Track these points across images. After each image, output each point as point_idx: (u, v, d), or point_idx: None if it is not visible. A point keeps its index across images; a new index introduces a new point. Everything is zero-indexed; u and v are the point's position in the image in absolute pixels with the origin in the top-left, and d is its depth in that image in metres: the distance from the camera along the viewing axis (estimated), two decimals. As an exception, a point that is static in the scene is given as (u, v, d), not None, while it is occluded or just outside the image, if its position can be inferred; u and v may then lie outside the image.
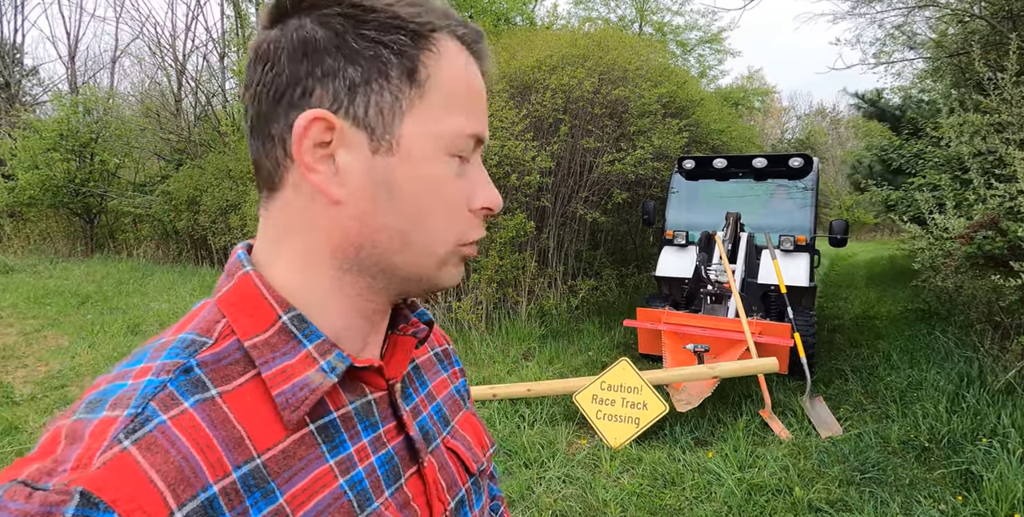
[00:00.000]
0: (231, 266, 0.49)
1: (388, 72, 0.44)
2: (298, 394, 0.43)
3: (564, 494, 2.88)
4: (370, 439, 0.49)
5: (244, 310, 0.46)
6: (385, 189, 0.45)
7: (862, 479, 3.05)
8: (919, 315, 6.42)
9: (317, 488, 0.44)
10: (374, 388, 0.51)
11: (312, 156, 0.44)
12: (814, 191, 5.26)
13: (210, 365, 0.43)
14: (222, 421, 0.41)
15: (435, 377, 0.62)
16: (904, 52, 8.21)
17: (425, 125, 0.45)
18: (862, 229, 24.26)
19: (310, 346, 0.45)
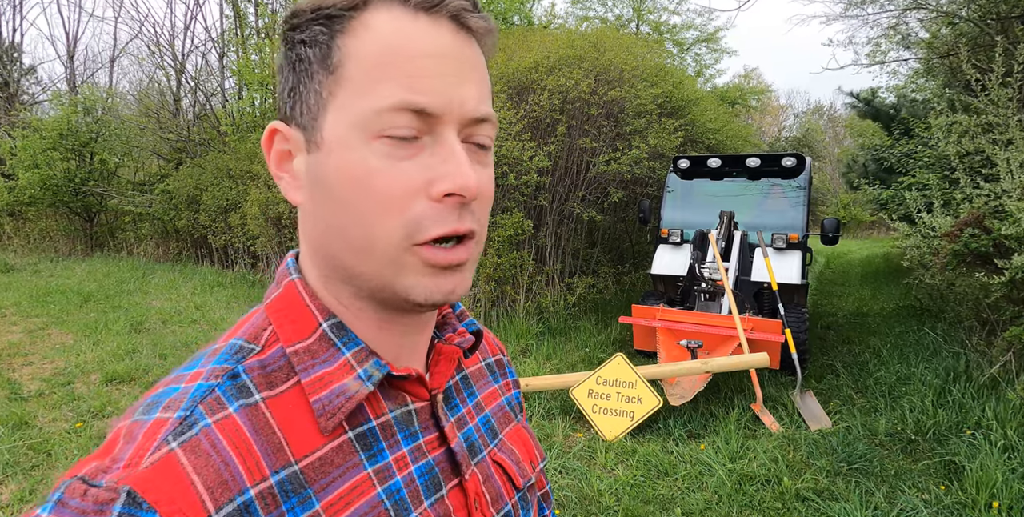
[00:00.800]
0: (280, 273, 0.50)
1: (311, 68, 0.44)
2: (335, 401, 0.44)
3: (560, 484, 2.97)
4: (410, 449, 0.48)
5: (289, 317, 0.46)
6: (319, 187, 0.44)
7: (849, 470, 3.15)
8: (911, 312, 6.53)
9: (355, 496, 0.43)
10: (416, 398, 0.50)
11: (276, 165, 0.47)
12: (807, 190, 5.35)
13: (256, 371, 0.44)
14: (263, 426, 0.41)
15: (485, 388, 0.61)
16: (900, 51, 8.31)
17: (344, 111, 0.42)
18: (859, 227, 24.38)
19: (348, 354, 0.45)
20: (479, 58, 0.46)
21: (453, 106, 0.42)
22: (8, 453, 3.22)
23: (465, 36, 0.44)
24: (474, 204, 0.44)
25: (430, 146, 0.42)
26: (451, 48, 0.43)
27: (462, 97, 0.43)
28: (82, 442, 3.39)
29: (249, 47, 11.68)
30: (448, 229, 0.42)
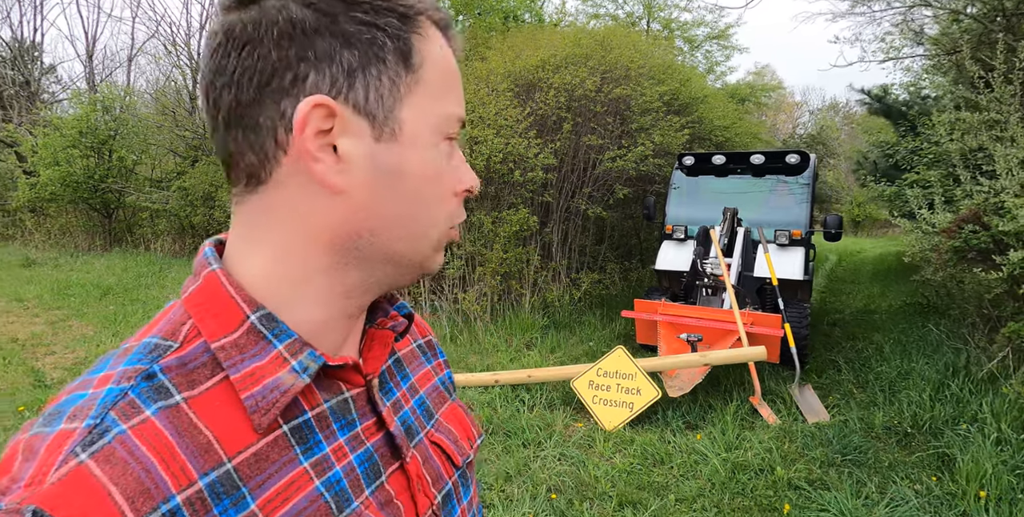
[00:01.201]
0: (198, 264, 0.47)
1: (385, 56, 0.43)
2: (268, 396, 0.42)
3: (558, 471, 3.07)
4: (347, 438, 0.48)
5: (211, 310, 0.44)
6: (390, 176, 0.44)
7: (843, 461, 3.22)
8: (917, 309, 6.54)
9: (292, 492, 0.42)
10: (351, 385, 0.49)
11: (314, 145, 0.42)
12: (811, 187, 5.39)
13: (175, 370, 0.41)
14: (187, 428, 0.39)
15: (418, 369, 0.61)
16: (913, 47, 8.26)
17: (422, 110, 0.45)
18: (873, 225, 24.14)
19: (280, 346, 0.43)
20: None
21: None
22: (33, 436, 3.38)
23: None
24: None
25: (454, 149, 0.50)
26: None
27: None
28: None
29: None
30: (464, 217, 0.52)
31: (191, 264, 0.48)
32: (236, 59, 0.42)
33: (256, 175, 0.44)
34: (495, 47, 7.09)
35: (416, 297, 6.11)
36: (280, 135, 0.42)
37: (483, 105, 5.67)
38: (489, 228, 5.52)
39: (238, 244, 0.46)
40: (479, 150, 5.33)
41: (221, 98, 0.43)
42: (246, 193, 0.45)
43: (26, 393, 4.07)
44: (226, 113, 0.43)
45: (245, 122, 0.43)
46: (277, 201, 0.44)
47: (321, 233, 0.45)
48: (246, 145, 0.43)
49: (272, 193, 0.44)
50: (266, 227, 0.45)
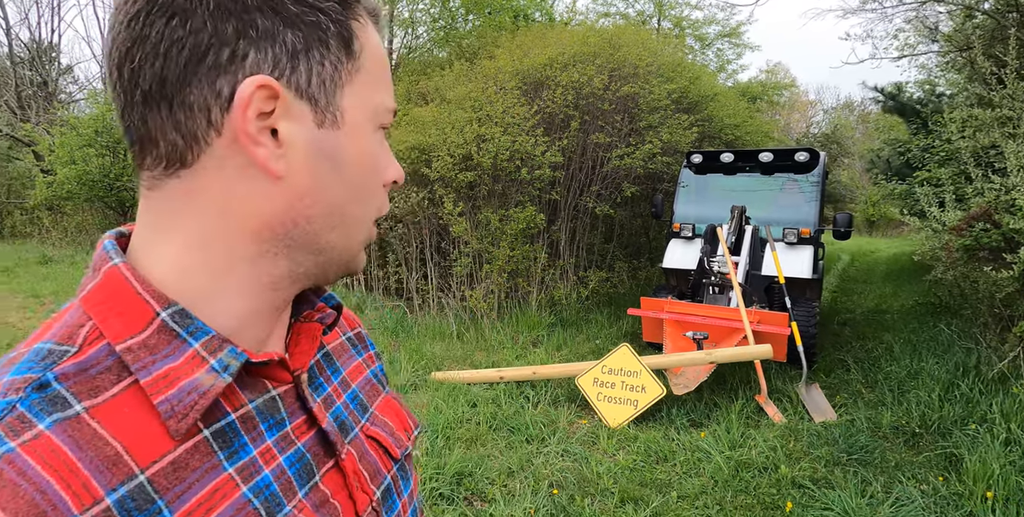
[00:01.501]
0: (97, 259, 0.43)
1: (328, 40, 0.42)
2: (185, 399, 0.38)
3: (561, 467, 3.08)
4: (275, 439, 0.45)
5: (114, 309, 0.40)
6: (330, 164, 0.43)
7: (848, 460, 3.19)
8: (929, 309, 6.46)
9: (216, 500, 0.39)
10: (278, 382, 0.46)
11: (255, 128, 0.39)
12: (820, 185, 5.35)
13: (72, 377, 0.37)
14: (90, 440, 0.35)
15: (349, 363, 0.59)
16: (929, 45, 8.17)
17: (361, 97, 0.44)
18: (888, 225, 23.86)
19: (196, 344, 0.40)
20: None
21: None
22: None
23: None
24: None
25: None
26: None
27: None
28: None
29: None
30: (387, 209, 0.50)
31: None
32: (163, 29, 0.38)
33: (180, 158, 0.40)
34: (504, 46, 7.10)
35: (424, 295, 6.14)
36: (214, 115, 0.39)
37: (490, 103, 5.68)
38: (496, 226, 5.54)
39: (147, 233, 0.43)
40: (486, 148, 5.34)
41: (141, 71, 0.38)
42: (164, 177, 0.41)
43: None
44: (148, 88, 0.39)
45: (171, 99, 0.39)
46: (202, 186, 0.40)
47: (251, 220, 0.42)
48: (171, 125, 0.39)
49: (198, 177, 0.40)
50: (184, 213, 0.41)
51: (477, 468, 2.99)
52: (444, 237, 6.10)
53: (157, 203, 0.42)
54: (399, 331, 5.42)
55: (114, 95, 0.40)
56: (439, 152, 5.38)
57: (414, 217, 5.92)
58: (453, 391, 3.97)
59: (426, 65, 9.09)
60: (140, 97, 0.39)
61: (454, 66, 6.88)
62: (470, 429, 3.45)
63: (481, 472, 2.98)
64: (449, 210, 5.38)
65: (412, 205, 5.68)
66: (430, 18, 11.02)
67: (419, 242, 6.19)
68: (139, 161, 0.42)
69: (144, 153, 0.41)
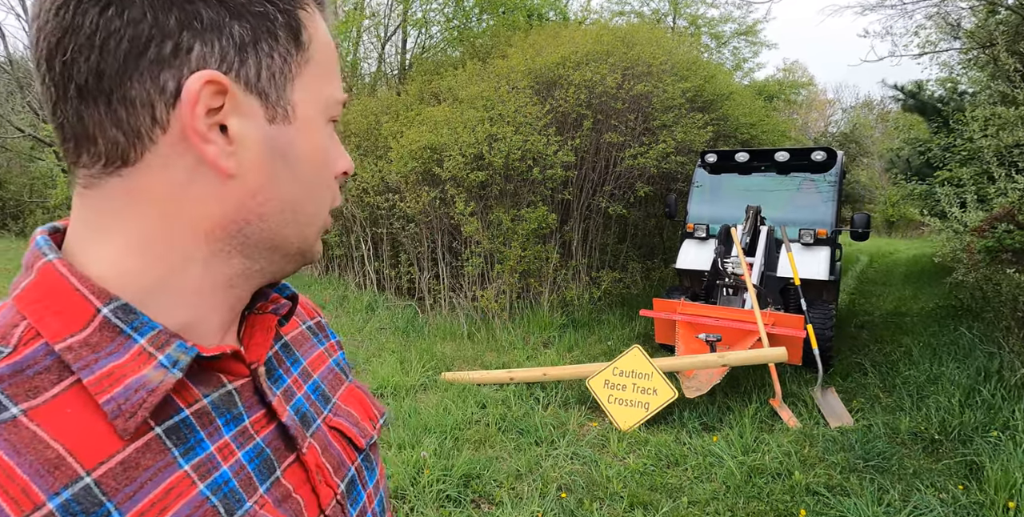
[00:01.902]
0: (30, 257, 0.40)
1: (276, 32, 0.40)
2: (132, 398, 0.37)
3: (570, 470, 3.05)
4: (233, 434, 0.43)
5: (50, 307, 0.38)
6: (283, 160, 0.42)
7: (865, 467, 3.12)
8: (950, 312, 6.32)
9: (171, 499, 0.37)
10: (234, 376, 0.45)
11: (204, 124, 0.38)
12: (837, 185, 5.25)
13: (8, 379, 0.35)
14: (28, 443, 0.34)
15: (310, 352, 0.57)
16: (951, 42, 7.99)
17: (312, 91, 0.43)
18: (908, 226, 23.47)
19: (142, 340, 0.38)
20: None
21: None
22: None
23: None
24: None
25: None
26: None
27: None
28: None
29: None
30: (340, 200, 0.50)
31: None
32: (97, 19, 0.35)
33: (122, 155, 0.38)
34: (517, 45, 7.06)
35: (435, 295, 6.14)
36: (159, 112, 0.37)
37: (502, 102, 5.65)
38: (508, 226, 5.51)
39: (83, 232, 0.40)
40: (498, 147, 5.32)
41: (75, 64, 0.36)
42: (104, 175, 0.39)
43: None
44: (83, 82, 0.36)
45: (110, 94, 0.37)
46: (146, 185, 0.39)
47: (202, 220, 0.40)
48: (110, 121, 0.37)
49: (141, 176, 0.38)
50: (125, 214, 0.39)
51: (485, 470, 2.97)
52: (456, 237, 6.09)
53: (95, 201, 0.40)
54: (410, 331, 5.42)
55: (43, 89, 0.38)
56: (451, 151, 5.37)
57: (426, 217, 5.91)
58: (463, 392, 3.95)
59: (439, 65, 9.09)
60: (75, 92, 0.37)
61: (467, 65, 6.86)
62: (479, 430, 3.43)
63: (489, 474, 2.95)
64: (461, 210, 5.36)
65: (424, 205, 5.67)
66: (444, 18, 11.01)
67: (431, 242, 6.19)
68: (74, 158, 0.39)
69: (80, 150, 0.39)
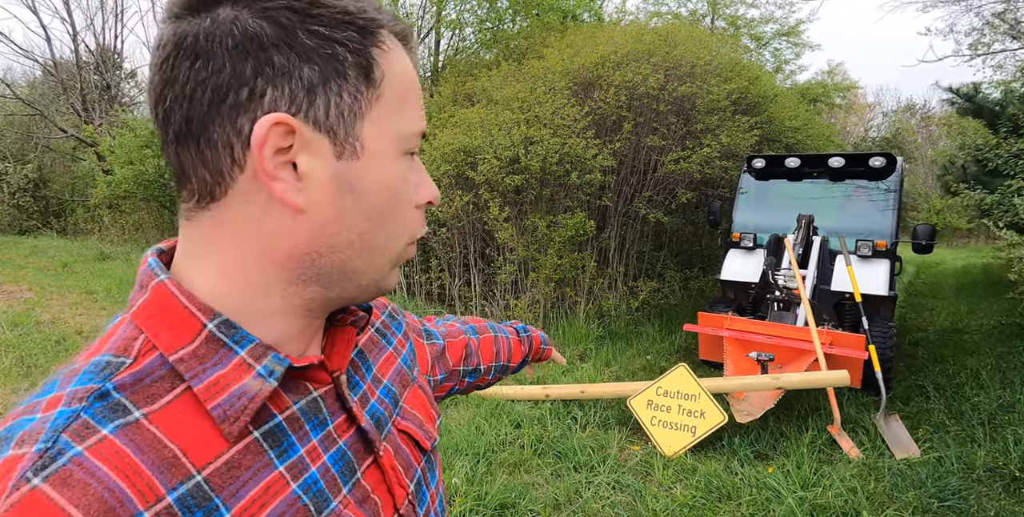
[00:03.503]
0: (144, 277, 0.45)
1: (345, 71, 0.42)
2: (236, 404, 0.41)
3: (612, 501, 2.81)
4: (320, 438, 0.47)
5: (164, 322, 0.42)
6: (351, 194, 0.43)
7: (940, 507, 2.82)
8: (1016, 330, 5.88)
9: (269, 497, 0.42)
10: (318, 384, 0.49)
11: (273, 164, 0.41)
12: (897, 193, 4.91)
13: (130, 387, 0.40)
14: (150, 443, 0.38)
15: (379, 356, 0.60)
16: (1006, 42, 7.53)
17: (383, 126, 0.44)
18: (953, 235, 22.56)
19: (242, 352, 0.43)
20: None
21: None
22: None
23: None
24: None
25: (414, 162, 0.49)
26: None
27: None
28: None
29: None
30: (425, 231, 0.50)
31: None
32: (188, 71, 0.40)
33: (210, 192, 0.42)
34: (553, 45, 6.86)
35: (467, 302, 5.96)
36: (237, 152, 0.41)
37: (539, 104, 5.45)
38: (543, 232, 5.30)
39: (185, 258, 0.45)
40: (534, 150, 5.12)
41: (172, 111, 0.41)
42: (198, 209, 0.43)
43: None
44: (178, 127, 0.41)
45: (198, 138, 0.41)
46: (231, 219, 0.43)
47: (278, 251, 0.44)
48: (199, 161, 0.42)
49: (226, 211, 0.43)
50: (218, 244, 0.44)
51: (521, 499, 2.76)
52: (489, 243, 5.90)
53: (193, 232, 0.44)
54: (440, 340, 5.25)
55: (157, 132, 0.43)
56: (485, 154, 5.18)
57: (458, 222, 5.73)
58: (496, 409, 3.75)
59: (472, 66, 8.94)
60: (172, 136, 0.42)
61: (501, 66, 6.68)
62: (513, 453, 3.22)
63: (525, 503, 2.74)
64: (495, 215, 5.17)
65: (456, 209, 5.49)
66: (477, 19, 10.90)
67: (463, 247, 6.01)
68: (178, 193, 0.45)
69: (180, 187, 0.44)
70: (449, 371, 0.79)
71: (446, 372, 0.78)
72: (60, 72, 15.37)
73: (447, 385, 0.80)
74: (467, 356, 0.83)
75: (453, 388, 0.82)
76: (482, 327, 0.91)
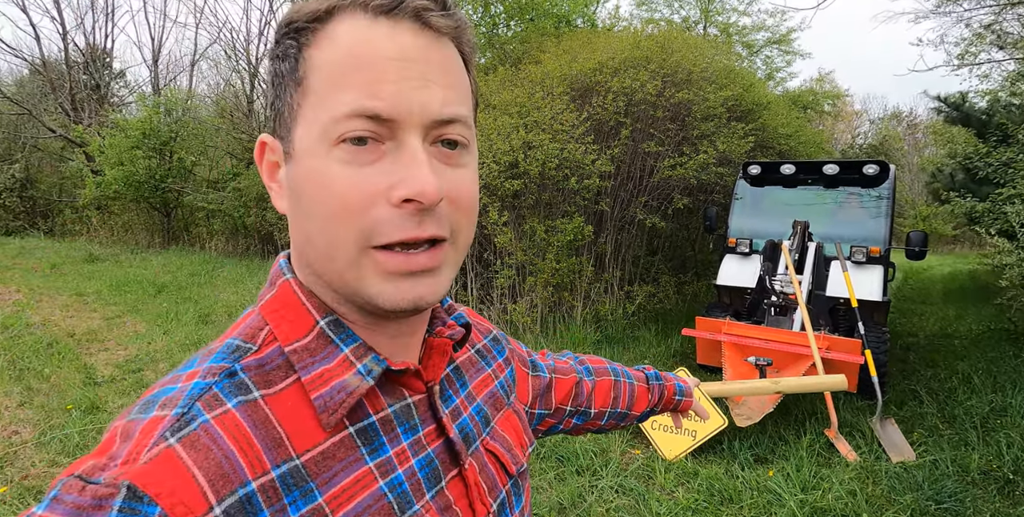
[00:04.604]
0: (274, 274, 0.50)
1: (284, 81, 0.45)
2: (336, 397, 0.44)
3: (616, 505, 2.83)
4: (410, 442, 0.49)
5: (285, 317, 0.47)
6: (294, 195, 0.45)
7: (937, 509, 2.86)
8: (1004, 335, 5.98)
9: (357, 489, 0.44)
10: (413, 391, 0.51)
11: (268, 175, 0.49)
12: (890, 200, 4.98)
13: (254, 369, 0.44)
14: (263, 422, 0.42)
15: (476, 376, 0.61)
16: (992, 53, 7.67)
17: (308, 120, 0.43)
18: (939, 241, 22.87)
19: (347, 350, 0.46)
20: (449, 58, 0.45)
21: (413, 110, 0.42)
22: (79, 436, 3.35)
23: (431, 36, 0.44)
24: (446, 208, 0.44)
25: (392, 151, 0.43)
26: (413, 50, 0.43)
27: (423, 100, 0.42)
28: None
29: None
30: (407, 235, 0.42)
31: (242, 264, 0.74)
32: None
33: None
34: (550, 51, 6.90)
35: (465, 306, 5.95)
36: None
37: (538, 109, 5.48)
38: (542, 237, 5.32)
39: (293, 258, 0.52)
40: (533, 155, 5.14)
41: None
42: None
43: (76, 391, 4.09)
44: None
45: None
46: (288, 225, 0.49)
47: (295, 252, 0.50)
48: None
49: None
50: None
51: (525, 502, 2.76)
52: (487, 247, 5.91)
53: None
54: (437, 343, 5.24)
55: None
56: (484, 159, 5.20)
57: (456, 225, 5.74)
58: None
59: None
60: None
61: (498, 71, 6.71)
62: (516, 456, 3.22)
63: (530, 508, 2.75)
64: (494, 219, 5.18)
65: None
66: (471, 24, 10.93)
67: (460, 251, 6.01)
68: None
69: None
70: (553, 408, 0.77)
71: (549, 408, 0.77)
72: (49, 71, 15.20)
73: (550, 421, 0.78)
74: (576, 396, 0.80)
75: (557, 426, 0.80)
76: (601, 369, 0.87)
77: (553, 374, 0.78)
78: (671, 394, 0.95)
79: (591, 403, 0.82)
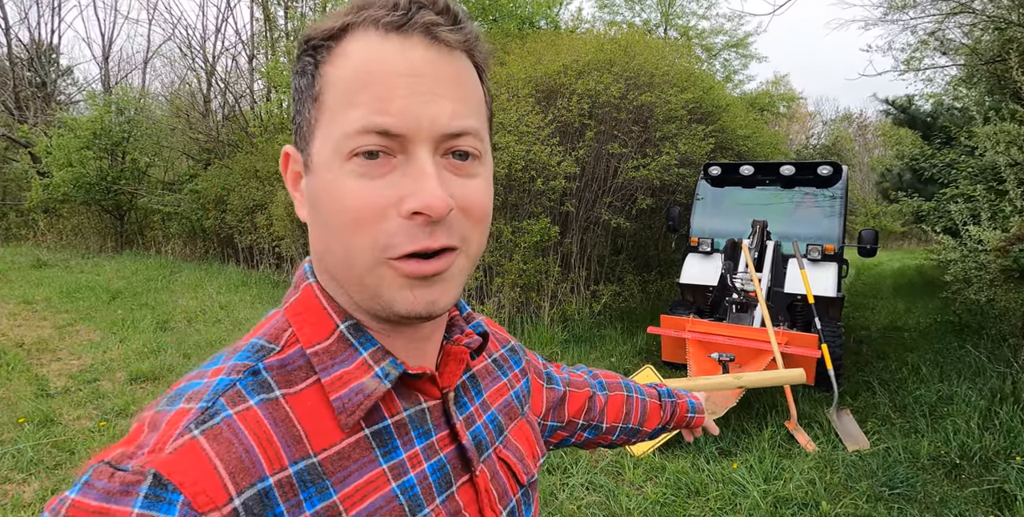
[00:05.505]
0: (298, 278, 0.53)
1: (302, 97, 0.47)
2: (354, 399, 0.46)
3: (587, 501, 2.88)
4: (423, 446, 0.50)
5: (308, 320, 0.49)
6: (312, 206, 0.47)
7: (890, 495, 3.00)
8: (949, 327, 6.29)
9: (370, 490, 0.46)
10: (428, 397, 0.52)
11: (292, 185, 0.51)
12: (843, 200, 5.19)
13: (276, 369, 0.46)
14: (283, 419, 0.44)
15: (492, 384, 0.62)
16: (936, 58, 8.04)
17: (324, 135, 0.45)
18: (888, 238, 23.83)
19: (365, 353, 0.48)
20: (461, 71, 0.46)
21: (422, 124, 0.43)
22: (32, 451, 3.22)
23: (442, 51, 0.45)
24: (456, 218, 0.45)
25: (403, 165, 0.44)
26: (424, 65, 0.44)
27: (432, 114, 0.43)
28: (105, 441, 3.38)
29: (278, 50, 11.80)
30: (418, 246, 0.44)
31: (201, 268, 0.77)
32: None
33: None
34: (514, 52, 6.94)
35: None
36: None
37: (504, 111, 5.51)
38: (509, 238, 5.34)
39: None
40: (500, 157, 5.17)
41: None
42: None
43: (27, 403, 3.92)
44: None
45: None
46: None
47: (315, 258, 0.52)
48: None
49: None
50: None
51: (498, 502, 2.79)
52: (453, 248, 5.90)
53: None
54: (406, 346, 5.21)
55: None
56: (450, 161, 5.20)
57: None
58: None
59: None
60: None
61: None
62: (487, 456, 3.24)
63: None
64: (460, 221, 5.18)
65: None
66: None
67: (427, 253, 5.99)
68: None
69: None
70: (566, 421, 0.78)
71: (561, 421, 0.77)
72: (-10, 68, 14.49)
73: (562, 434, 0.79)
74: (588, 410, 0.81)
75: (568, 439, 0.81)
76: (614, 384, 0.87)
77: (567, 387, 0.79)
78: (684, 411, 0.96)
79: (603, 418, 0.83)
